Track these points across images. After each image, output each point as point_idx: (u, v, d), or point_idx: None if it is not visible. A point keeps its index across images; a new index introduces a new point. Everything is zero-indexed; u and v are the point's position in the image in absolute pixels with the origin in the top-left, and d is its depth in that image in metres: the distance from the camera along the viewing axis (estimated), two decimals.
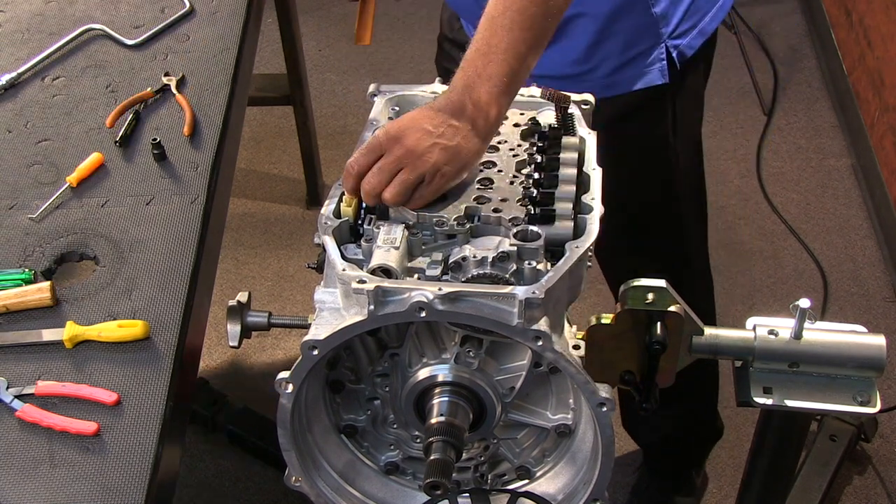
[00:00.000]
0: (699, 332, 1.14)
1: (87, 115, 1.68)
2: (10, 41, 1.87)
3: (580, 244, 1.05)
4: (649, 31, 1.52)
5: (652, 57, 1.54)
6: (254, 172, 3.33)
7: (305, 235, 3.07)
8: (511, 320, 0.97)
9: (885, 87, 2.97)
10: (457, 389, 1.09)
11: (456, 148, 1.09)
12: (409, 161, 1.07)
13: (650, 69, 1.55)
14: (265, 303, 2.83)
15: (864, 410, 1.12)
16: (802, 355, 1.13)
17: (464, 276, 1.03)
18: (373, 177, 1.09)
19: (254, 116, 3.51)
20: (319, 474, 1.18)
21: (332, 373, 1.15)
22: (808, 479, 2.15)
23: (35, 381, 1.23)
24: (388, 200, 1.09)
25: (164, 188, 1.52)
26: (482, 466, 1.20)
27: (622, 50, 1.53)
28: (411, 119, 1.11)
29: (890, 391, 2.48)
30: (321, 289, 1.07)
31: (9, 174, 1.57)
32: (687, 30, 1.56)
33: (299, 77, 2.88)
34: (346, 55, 3.87)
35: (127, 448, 1.16)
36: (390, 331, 1.10)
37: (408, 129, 1.09)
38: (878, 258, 2.88)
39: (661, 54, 1.55)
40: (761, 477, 1.34)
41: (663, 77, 1.55)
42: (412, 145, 1.08)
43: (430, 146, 1.08)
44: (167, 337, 1.28)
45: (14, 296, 1.32)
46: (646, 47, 1.53)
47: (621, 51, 1.53)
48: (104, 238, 1.43)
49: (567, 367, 1.01)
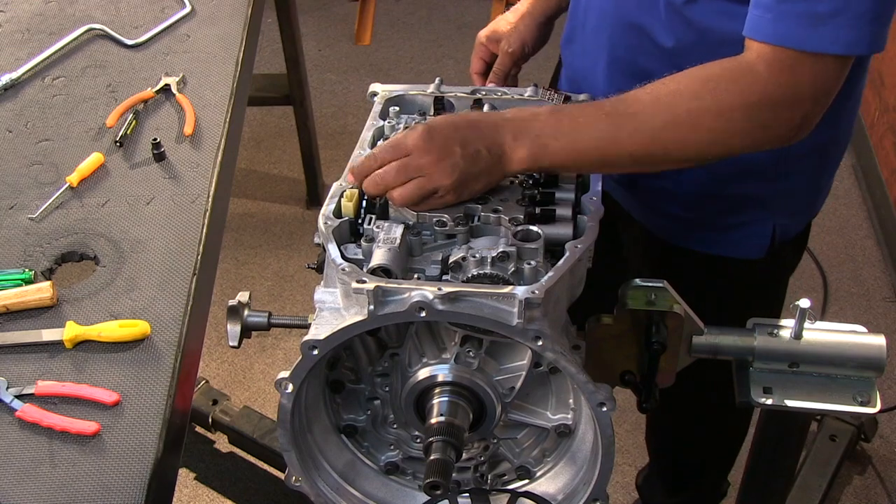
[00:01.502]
0: (699, 332, 1.14)
1: (87, 115, 1.68)
2: (10, 41, 1.87)
3: (580, 244, 1.05)
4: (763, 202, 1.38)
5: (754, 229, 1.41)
6: (254, 172, 3.33)
7: (305, 235, 3.07)
8: (511, 320, 0.97)
9: (885, 87, 2.97)
10: (457, 389, 1.09)
11: (476, 177, 1.09)
12: (431, 172, 1.07)
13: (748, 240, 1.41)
14: (265, 303, 2.83)
15: (864, 410, 1.12)
16: (802, 355, 1.13)
17: (464, 276, 1.03)
18: (391, 173, 1.08)
19: (254, 116, 3.52)
20: (319, 474, 1.18)
21: (332, 373, 1.15)
22: (808, 479, 2.15)
23: (35, 381, 1.23)
24: (395, 200, 1.09)
25: (164, 188, 1.52)
26: (482, 466, 1.20)
27: (727, 211, 1.39)
28: (447, 129, 1.09)
29: (890, 391, 2.48)
30: (321, 289, 1.07)
31: (9, 174, 1.57)
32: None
33: (299, 77, 2.88)
34: (346, 55, 3.88)
35: (127, 448, 1.16)
36: (390, 331, 1.10)
37: (442, 143, 1.08)
38: (878, 258, 2.88)
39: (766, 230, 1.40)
40: (761, 477, 1.34)
41: (759, 252, 1.42)
42: (439, 160, 1.07)
43: (453, 165, 1.07)
44: (167, 337, 1.28)
45: (14, 296, 1.32)
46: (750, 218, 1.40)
47: (726, 212, 1.39)
48: (104, 238, 1.43)
49: (567, 367, 1.01)
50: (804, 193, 1.42)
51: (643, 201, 1.46)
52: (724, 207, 1.38)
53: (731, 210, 1.39)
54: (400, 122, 1.26)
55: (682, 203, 1.39)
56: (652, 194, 1.42)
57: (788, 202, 1.40)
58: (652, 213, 1.46)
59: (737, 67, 1.08)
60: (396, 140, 1.11)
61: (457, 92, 1.32)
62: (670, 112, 1.08)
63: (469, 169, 1.08)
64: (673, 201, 1.40)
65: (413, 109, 1.31)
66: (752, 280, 1.45)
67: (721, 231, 1.41)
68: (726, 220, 1.40)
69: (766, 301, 1.52)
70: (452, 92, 1.32)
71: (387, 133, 1.25)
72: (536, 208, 1.10)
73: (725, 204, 1.38)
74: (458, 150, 1.08)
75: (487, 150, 1.08)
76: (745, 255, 1.42)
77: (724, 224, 1.40)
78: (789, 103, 1.07)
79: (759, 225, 1.40)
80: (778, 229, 1.40)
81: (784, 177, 1.34)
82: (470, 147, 1.08)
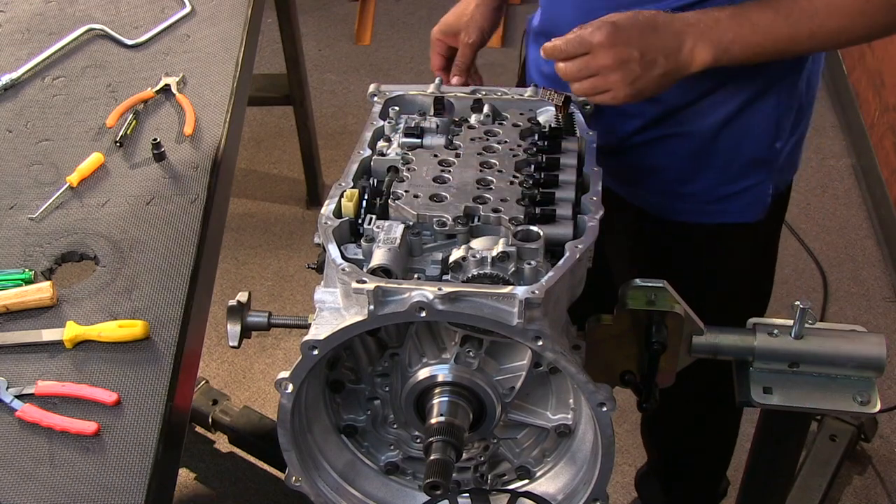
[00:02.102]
0: (699, 332, 1.14)
1: (87, 115, 1.68)
2: (10, 41, 1.87)
3: (580, 244, 1.05)
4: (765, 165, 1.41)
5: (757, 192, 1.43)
6: (254, 172, 3.33)
7: (305, 235, 3.07)
8: (511, 320, 0.97)
9: (885, 87, 2.97)
10: (457, 389, 1.09)
11: (651, 81, 1.17)
12: (608, 75, 1.16)
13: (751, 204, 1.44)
14: (265, 303, 2.83)
15: (864, 410, 1.12)
16: (802, 355, 1.13)
17: (464, 276, 1.03)
18: (572, 69, 1.17)
19: (254, 116, 3.52)
20: (319, 474, 1.18)
21: (332, 373, 1.15)
22: (808, 479, 2.15)
23: (35, 381, 1.23)
24: (573, 88, 1.19)
25: (164, 188, 1.52)
26: (482, 466, 1.20)
27: (729, 180, 1.42)
28: (632, 31, 1.15)
29: (890, 391, 2.48)
30: (321, 289, 1.07)
31: (9, 174, 1.57)
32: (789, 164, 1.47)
33: (299, 77, 2.88)
34: (346, 55, 3.88)
35: (127, 448, 1.16)
36: (390, 331, 1.10)
37: (624, 46, 1.15)
38: (878, 258, 2.88)
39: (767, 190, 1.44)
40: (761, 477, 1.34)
41: (761, 213, 1.45)
42: (618, 64, 1.15)
43: (630, 72, 1.15)
44: (167, 337, 1.28)
45: (14, 296, 1.32)
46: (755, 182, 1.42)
47: (728, 180, 1.42)
48: (104, 238, 1.43)
49: (567, 367, 1.01)
50: (796, 145, 1.46)
51: (633, 179, 1.47)
52: (726, 177, 1.40)
53: (734, 178, 1.41)
54: (400, 122, 1.26)
55: (677, 177, 1.42)
56: (644, 172, 1.44)
57: (785, 158, 1.43)
58: (646, 191, 1.47)
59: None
60: (581, 35, 1.16)
61: (457, 92, 1.32)
62: (845, 14, 1.17)
63: (645, 75, 1.16)
64: (677, 174, 1.42)
65: (413, 109, 1.31)
66: (753, 241, 1.49)
67: (721, 200, 1.43)
68: (727, 188, 1.42)
69: (766, 260, 1.58)
70: (452, 92, 1.33)
71: (387, 133, 1.26)
72: (536, 208, 1.10)
73: (730, 172, 1.40)
74: (636, 55, 1.14)
75: (665, 58, 1.16)
76: (746, 220, 1.44)
77: (725, 193, 1.42)
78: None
79: (760, 188, 1.42)
80: (781, 186, 1.45)
81: (785, 131, 1.38)
82: (649, 54, 1.15)
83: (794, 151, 1.47)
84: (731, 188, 1.42)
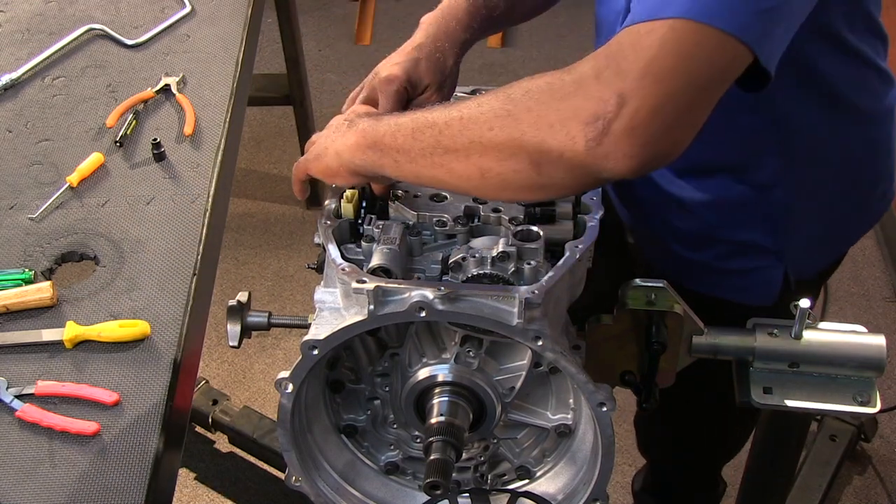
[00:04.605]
0: (699, 332, 1.14)
1: (87, 115, 1.68)
2: (10, 41, 1.87)
3: (580, 244, 1.05)
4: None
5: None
6: (254, 172, 3.33)
7: (305, 235, 3.07)
8: (511, 320, 0.97)
9: None
10: (457, 389, 1.09)
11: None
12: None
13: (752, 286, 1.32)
14: (265, 303, 2.83)
15: (864, 410, 1.12)
16: (802, 355, 1.13)
17: (464, 276, 1.03)
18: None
19: (254, 116, 3.52)
20: (319, 474, 1.18)
21: (332, 373, 1.15)
22: (808, 479, 2.15)
23: (35, 381, 1.23)
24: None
25: (164, 188, 1.52)
26: (482, 466, 1.20)
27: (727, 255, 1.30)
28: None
29: (890, 391, 2.48)
30: (321, 289, 1.07)
31: (9, 174, 1.56)
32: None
33: (299, 77, 2.88)
34: (346, 55, 3.88)
35: (127, 448, 1.16)
36: (390, 331, 1.10)
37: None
38: (878, 258, 2.88)
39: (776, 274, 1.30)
40: (761, 477, 1.34)
41: (768, 299, 1.31)
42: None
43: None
44: (167, 337, 1.28)
45: (14, 296, 1.32)
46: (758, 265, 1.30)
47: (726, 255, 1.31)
48: (104, 238, 1.43)
49: (567, 367, 1.01)
50: (821, 237, 1.31)
51: (645, 232, 1.41)
52: (723, 252, 1.30)
53: (732, 255, 1.30)
54: None
55: (682, 242, 1.33)
56: (653, 228, 1.37)
57: (802, 248, 1.29)
58: (654, 247, 1.40)
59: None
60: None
61: (456, 92, 1.32)
62: (463, 177, 0.99)
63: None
64: (673, 239, 1.34)
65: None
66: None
67: (724, 274, 1.32)
68: (729, 264, 1.31)
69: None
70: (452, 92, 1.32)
71: None
72: (536, 208, 1.10)
73: (725, 248, 1.30)
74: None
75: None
76: (753, 302, 1.29)
77: (727, 269, 1.31)
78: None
79: (766, 271, 1.30)
80: (792, 273, 1.30)
81: (793, 224, 1.26)
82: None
83: (826, 235, 1.32)
84: (732, 265, 1.31)
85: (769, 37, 0.89)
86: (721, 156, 1.23)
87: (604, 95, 0.85)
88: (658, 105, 0.85)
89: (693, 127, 0.89)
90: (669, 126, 0.86)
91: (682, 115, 0.87)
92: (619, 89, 0.85)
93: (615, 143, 0.85)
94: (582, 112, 0.86)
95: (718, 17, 0.85)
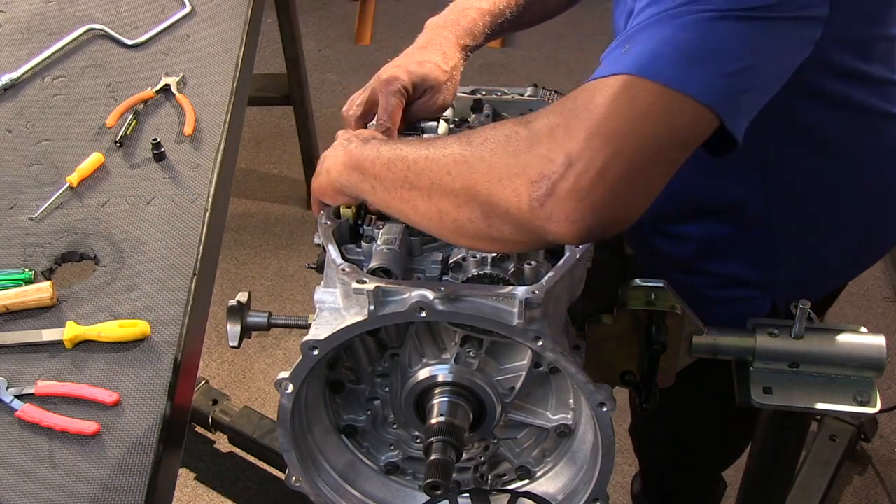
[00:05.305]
0: (699, 332, 1.14)
1: (87, 115, 1.68)
2: (10, 41, 1.87)
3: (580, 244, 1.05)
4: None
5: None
6: (254, 172, 3.33)
7: (305, 235, 3.07)
8: (511, 320, 0.97)
9: None
10: (457, 389, 1.09)
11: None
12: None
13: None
14: (265, 303, 2.83)
15: (864, 410, 1.12)
16: (802, 355, 1.13)
17: (464, 276, 1.03)
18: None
19: (254, 116, 3.52)
20: (319, 474, 1.18)
21: (332, 373, 1.15)
22: (808, 479, 2.15)
23: (35, 381, 1.23)
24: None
25: (164, 188, 1.52)
26: (482, 466, 1.20)
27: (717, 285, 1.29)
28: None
29: (890, 391, 2.48)
30: (321, 289, 1.07)
31: (9, 174, 1.56)
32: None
33: (299, 77, 2.88)
34: (346, 55, 3.88)
35: (127, 448, 1.16)
36: (390, 331, 1.10)
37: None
38: None
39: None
40: (761, 477, 1.34)
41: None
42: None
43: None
44: (167, 337, 1.28)
45: (14, 296, 1.32)
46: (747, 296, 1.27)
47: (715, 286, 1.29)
48: (104, 238, 1.43)
49: (567, 367, 1.01)
50: (810, 272, 1.29)
51: (640, 250, 1.39)
52: (711, 282, 1.28)
53: (719, 285, 1.28)
54: None
55: (671, 265, 1.30)
56: (643, 245, 1.35)
57: (790, 282, 1.26)
58: (647, 264, 1.38)
59: None
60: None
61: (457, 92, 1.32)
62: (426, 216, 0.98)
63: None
64: (662, 261, 1.32)
65: None
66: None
67: (713, 303, 1.28)
68: (716, 292, 1.29)
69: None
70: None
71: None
72: None
73: (712, 279, 1.28)
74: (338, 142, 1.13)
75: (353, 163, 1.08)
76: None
77: (715, 297, 1.29)
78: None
79: (753, 302, 1.28)
80: (781, 305, 1.26)
81: (778, 260, 1.24)
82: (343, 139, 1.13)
83: (816, 269, 1.28)
84: (718, 294, 1.29)
85: (733, 101, 0.85)
86: (705, 200, 1.22)
87: (552, 154, 0.83)
88: (605, 167, 0.81)
89: (648, 190, 0.85)
90: (619, 189, 0.82)
91: (633, 178, 0.83)
92: (567, 149, 0.82)
93: (559, 204, 0.82)
94: (530, 170, 0.84)
95: (675, 77, 0.82)
